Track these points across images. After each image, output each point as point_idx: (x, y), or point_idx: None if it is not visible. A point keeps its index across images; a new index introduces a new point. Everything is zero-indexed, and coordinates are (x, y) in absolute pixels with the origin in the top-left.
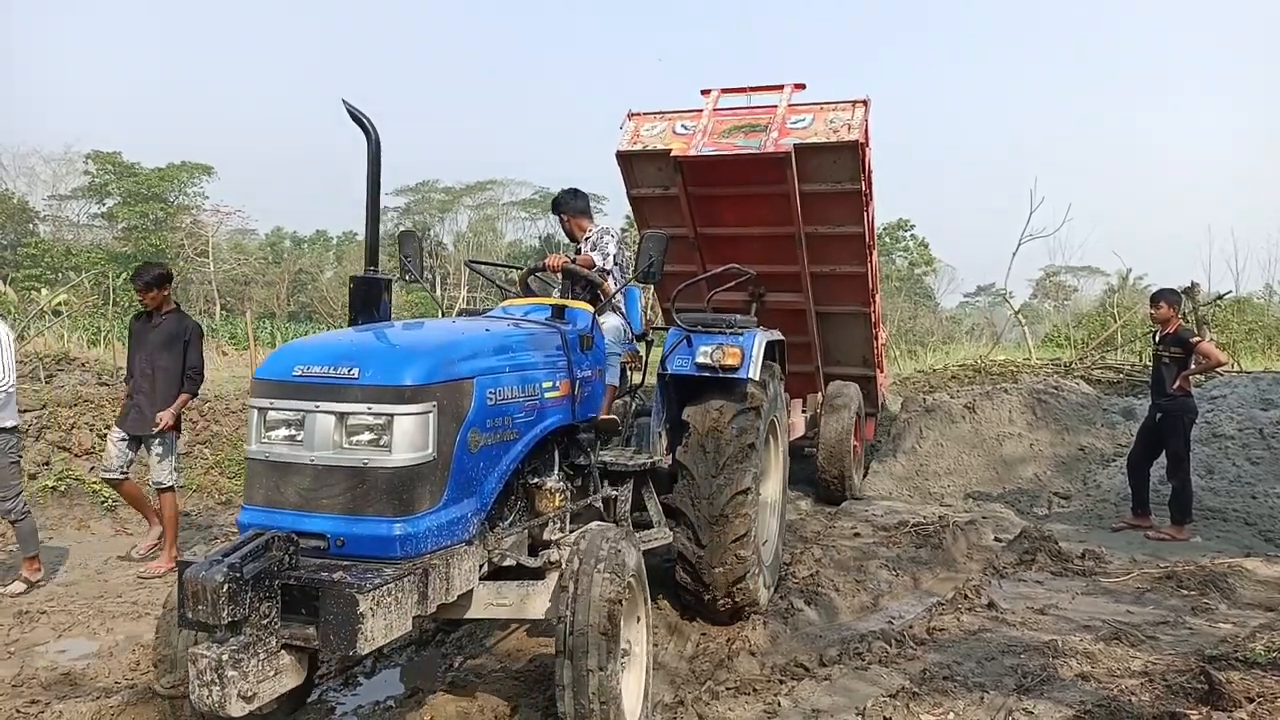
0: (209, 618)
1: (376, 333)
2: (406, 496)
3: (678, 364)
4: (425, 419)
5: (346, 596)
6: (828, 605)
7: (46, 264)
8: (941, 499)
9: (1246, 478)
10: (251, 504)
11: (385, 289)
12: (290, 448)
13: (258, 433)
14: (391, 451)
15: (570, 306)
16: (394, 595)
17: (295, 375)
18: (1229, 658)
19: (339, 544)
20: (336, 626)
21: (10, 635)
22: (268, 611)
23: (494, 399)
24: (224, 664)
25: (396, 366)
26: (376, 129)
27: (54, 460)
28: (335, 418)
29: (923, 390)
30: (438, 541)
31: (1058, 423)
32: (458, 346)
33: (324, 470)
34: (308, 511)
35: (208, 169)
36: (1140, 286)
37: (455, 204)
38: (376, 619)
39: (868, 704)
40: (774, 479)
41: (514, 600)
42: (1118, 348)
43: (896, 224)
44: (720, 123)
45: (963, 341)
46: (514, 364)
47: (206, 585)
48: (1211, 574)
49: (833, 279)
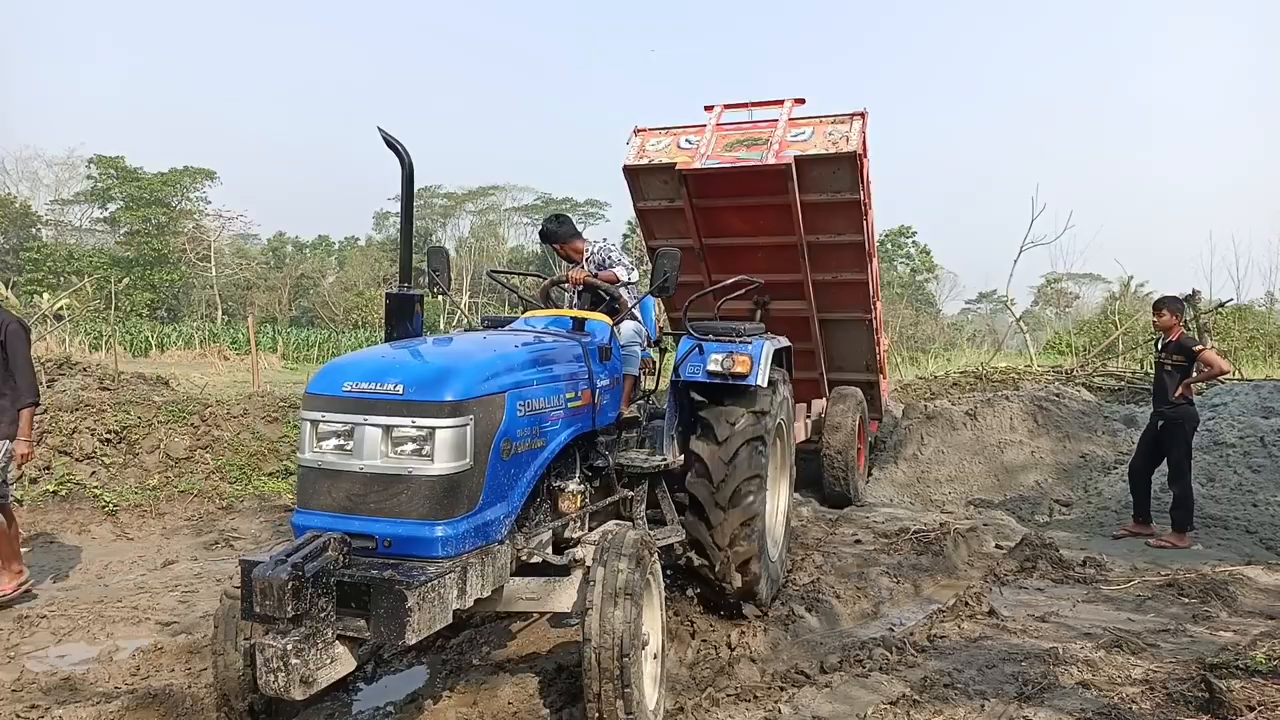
0: (275, 611)
1: (413, 350)
2: (447, 501)
3: (690, 370)
4: (463, 431)
5: (396, 592)
6: (828, 612)
7: (49, 268)
8: (943, 506)
9: (1248, 485)
10: (305, 508)
11: (418, 303)
12: (340, 457)
13: (310, 443)
14: (433, 460)
15: (590, 319)
16: (437, 591)
17: (345, 391)
18: (1230, 666)
19: (386, 544)
20: (387, 619)
21: (10, 640)
22: (325, 606)
23: (523, 410)
24: (288, 653)
25: (437, 383)
26: (410, 155)
27: (55, 465)
28: (382, 430)
29: (924, 397)
30: (474, 542)
31: (1059, 430)
32: (491, 364)
33: (372, 477)
34: (357, 515)
35: (210, 174)
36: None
37: (457, 209)
38: (422, 612)
39: (868, 711)
40: (781, 482)
41: (542, 595)
42: (1119, 355)
43: (898, 230)
44: (723, 137)
45: (964, 348)
46: (541, 377)
47: (273, 582)
48: (1213, 582)
49: (834, 286)
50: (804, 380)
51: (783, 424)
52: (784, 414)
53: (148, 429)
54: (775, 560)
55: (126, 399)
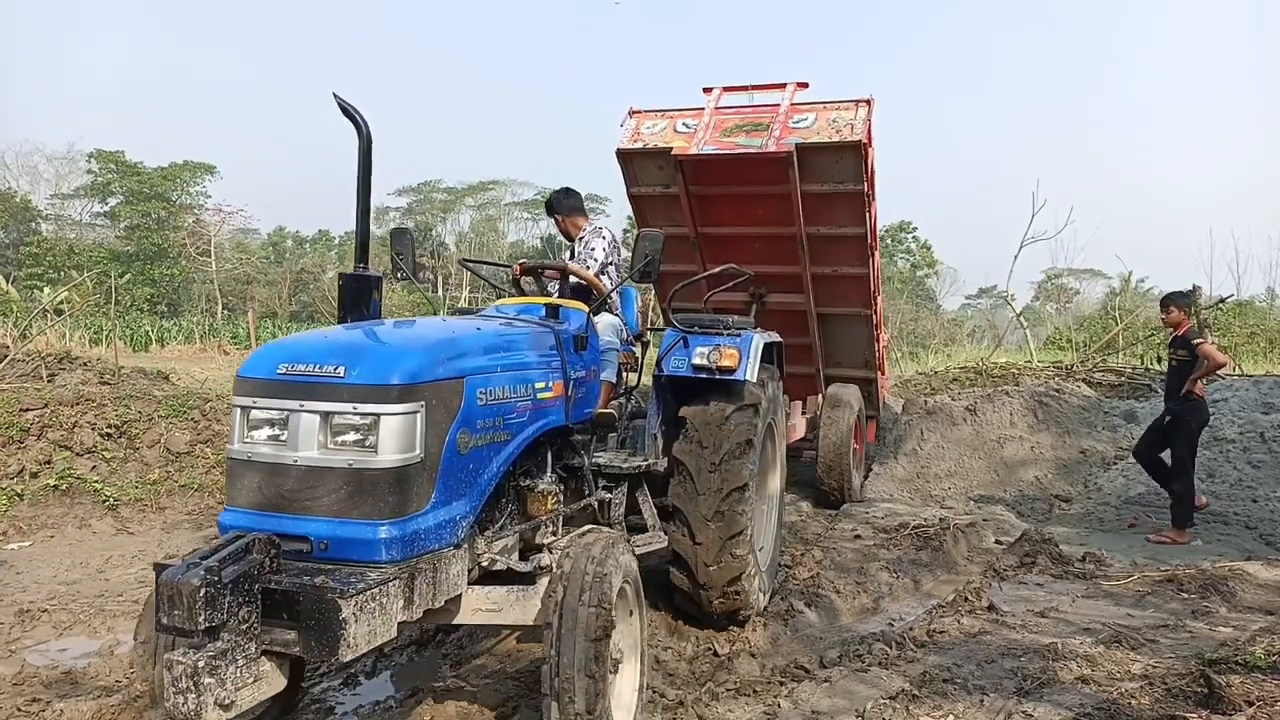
0: (185, 622)
1: (364, 330)
2: (393, 499)
3: (674, 365)
4: (413, 419)
5: (329, 602)
6: (828, 607)
7: (49, 263)
8: (942, 501)
9: (1247, 481)
10: (234, 505)
11: (376, 286)
12: (274, 448)
13: (240, 432)
14: (378, 452)
15: (564, 306)
16: (378, 600)
17: (279, 373)
18: (1229, 661)
19: (323, 547)
20: (318, 632)
21: (11, 634)
22: (247, 616)
23: (485, 399)
24: (199, 671)
25: (384, 365)
26: (368, 124)
27: (55, 459)
28: (320, 417)
29: (924, 392)
30: (425, 545)
31: (1059, 426)
32: (447, 345)
33: (308, 471)
34: (291, 513)
35: (210, 168)
36: (1142, 289)
37: (457, 204)
38: (360, 625)
39: (868, 706)
40: (772, 483)
41: (504, 605)
42: (1119, 351)
43: (898, 226)
44: (722, 121)
45: (964, 344)
46: (506, 363)
47: (183, 589)
48: (1212, 577)
49: (834, 280)
50: (801, 376)
51: (773, 424)
52: (775, 413)
53: (148, 424)
54: (765, 570)
55: (127, 394)
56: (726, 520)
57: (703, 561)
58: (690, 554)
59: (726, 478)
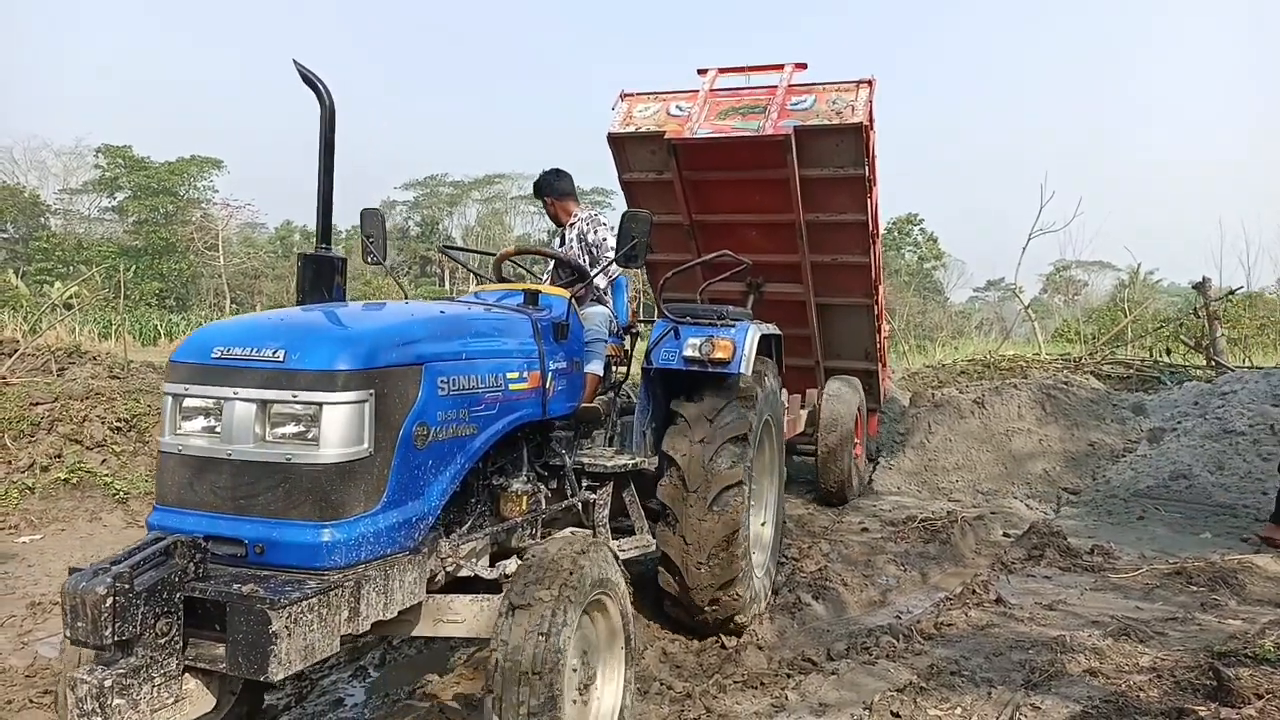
0: (90, 636)
1: (314, 312)
2: (337, 498)
3: (664, 357)
4: (360, 409)
5: (257, 613)
6: (835, 600)
7: (58, 257)
8: (950, 494)
9: (1257, 473)
10: (163, 504)
11: (339, 269)
12: (206, 440)
13: (172, 423)
14: (320, 445)
15: (545, 292)
16: (316, 611)
17: (213, 357)
18: (1238, 654)
19: (258, 551)
20: (245, 647)
21: (23, 626)
22: (166, 629)
23: (447, 389)
24: (107, 691)
25: (328, 348)
26: (331, 93)
27: (66, 453)
28: (257, 406)
29: (932, 385)
30: (374, 549)
31: (1067, 418)
32: (404, 329)
33: (243, 466)
34: (224, 513)
35: (217, 163)
36: (1151, 281)
37: (464, 198)
38: (293, 639)
39: (875, 699)
40: (770, 483)
41: (467, 616)
42: (1128, 343)
43: (905, 218)
44: (717, 104)
45: (972, 336)
46: (474, 351)
47: (86, 598)
48: (1221, 570)
49: (834, 269)
50: (799, 369)
51: (770, 420)
52: (772, 408)
53: (158, 417)
54: (761, 574)
55: (136, 387)
56: (718, 520)
57: (693, 565)
58: (680, 557)
59: (719, 475)
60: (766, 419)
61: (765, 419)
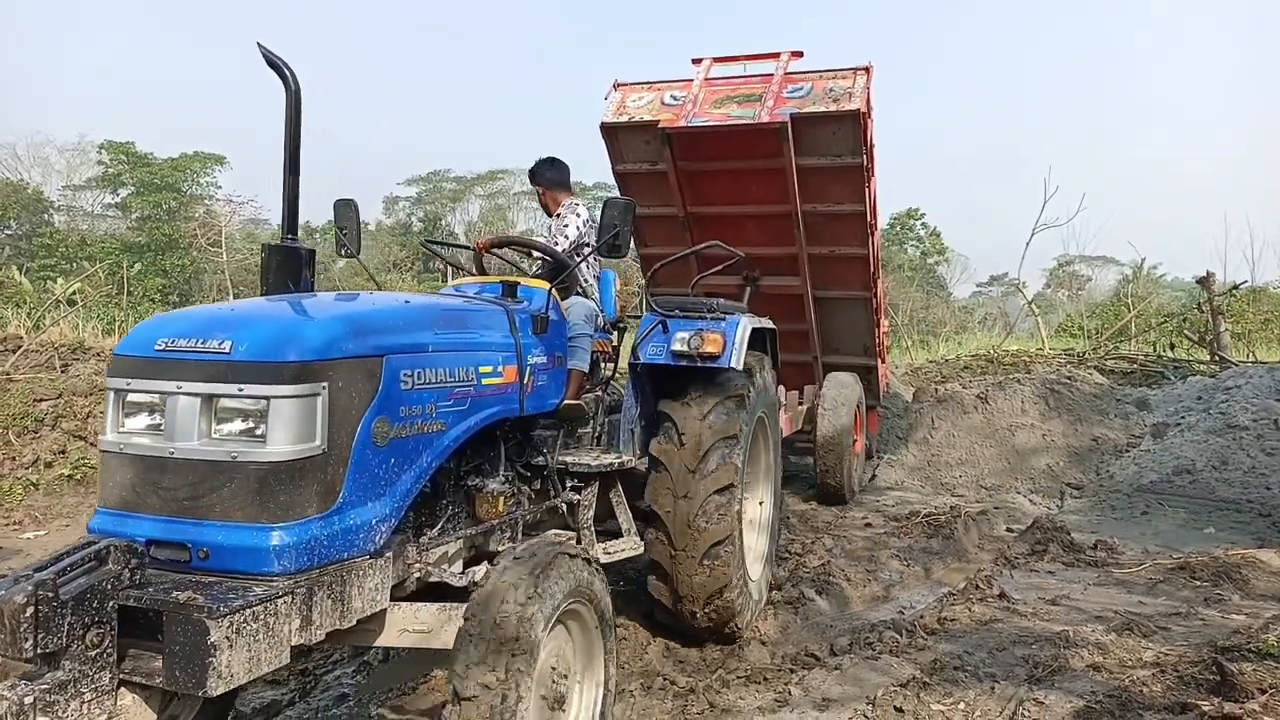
0: (9, 649)
1: (267, 302)
2: (286, 498)
3: (651, 352)
4: (311, 403)
5: (194, 622)
6: (839, 595)
7: (61, 254)
8: (953, 489)
9: (1261, 469)
10: (105, 506)
11: (306, 262)
12: (149, 438)
13: (114, 420)
14: (268, 442)
15: (523, 284)
16: (262, 620)
17: (157, 350)
18: (1241, 649)
19: (202, 556)
20: (182, 660)
21: None
22: (97, 640)
23: (410, 383)
24: (29, 708)
25: (277, 338)
26: (296, 77)
27: (70, 449)
28: (201, 400)
29: (935, 380)
30: (329, 553)
31: (1071, 413)
32: (362, 319)
33: (186, 465)
34: (168, 516)
35: (220, 159)
36: (1155, 276)
37: (467, 193)
38: (236, 651)
39: (878, 693)
40: (765, 483)
41: (434, 626)
42: (1132, 338)
43: (907, 213)
44: (712, 93)
45: (975, 331)
46: (441, 343)
47: (5, 608)
48: (1225, 565)
49: (832, 261)
50: (797, 365)
51: (764, 417)
52: (766, 405)
53: None
54: (756, 580)
55: None
56: (710, 524)
57: (683, 570)
58: (669, 562)
59: (710, 476)
60: (760, 416)
61: (759, 416)
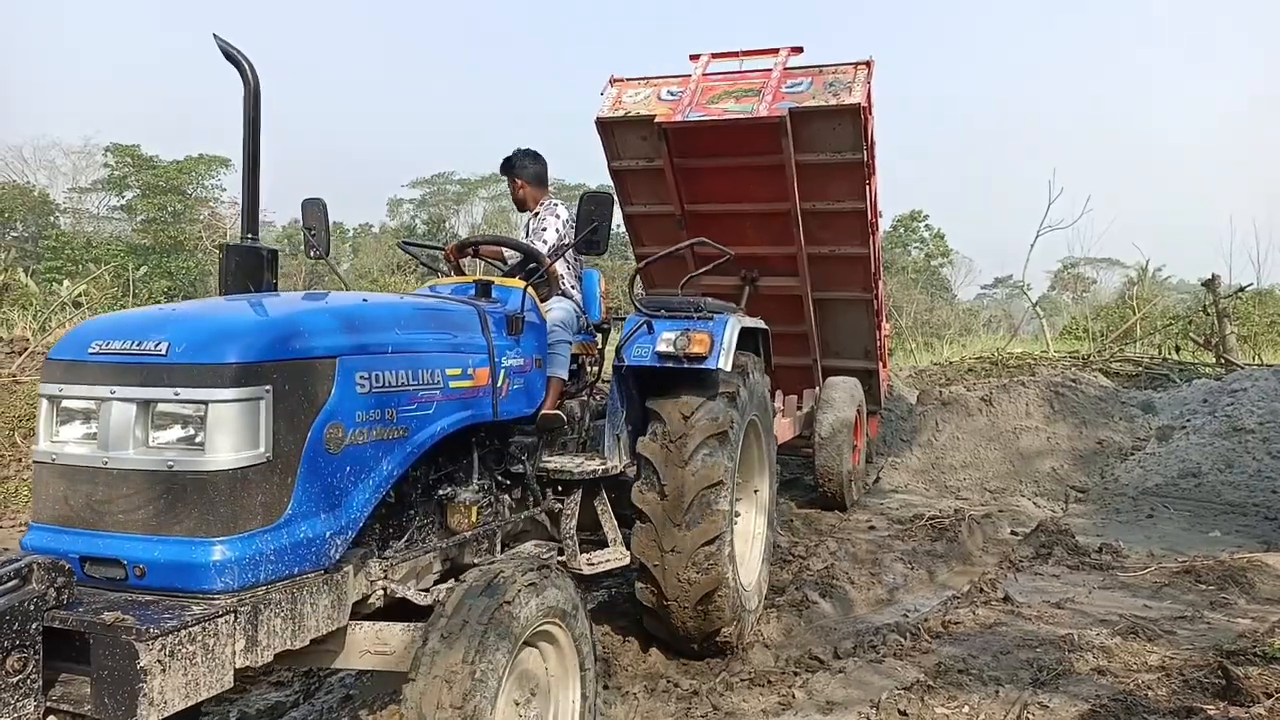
0: None
1: (210, 302)
2: (228, 510)
3: (636, 354)
4: (254, 407)
5: (122, 645)
6: (842, 598)
7: (67, 256)
8: (958, 492)
9: (1267, 472)
10: (39, 521)
11: (267, 264)
12: (83, 447)
13: (47, 428)
14: (206, 450)
15: (498, 283)
16: (200, 642)
17: (90, 353)
18: (1247, 653)
19: (139, 573)
20: (110, 686)
21: None
22: (19, 666)
23: (367, 385)
24: None
25: (215, 338)
26: (255, 70)
27: None
28: (136, 406)
29: (939, 383)
30: (276, 569)
31: (1075, 416)
32: (313, 318)
33: (120, 476)
34: (101, 530)
35: (225, 161)
36: (1160, 278)
37: (471, 195)
38: (169, 675)
39: (882, 697)
40: (759, 487)
41: (398, 647)
42: (1137, 341)
43: (910, 215)
44: (710, 88)
45: (980, 334)
46: (403, 343)
47: None
48: (1230, 569)
49: (832, 261)
50: (797, 368)
51: (756, 420)
52: (758, 407)
53: None
54: (750, 588)
55: None
56: (698, 524)
57: (672, 573)
58: (657, 565)
59: (698, 475)
60: (752, 419)
61: (750, 418)
